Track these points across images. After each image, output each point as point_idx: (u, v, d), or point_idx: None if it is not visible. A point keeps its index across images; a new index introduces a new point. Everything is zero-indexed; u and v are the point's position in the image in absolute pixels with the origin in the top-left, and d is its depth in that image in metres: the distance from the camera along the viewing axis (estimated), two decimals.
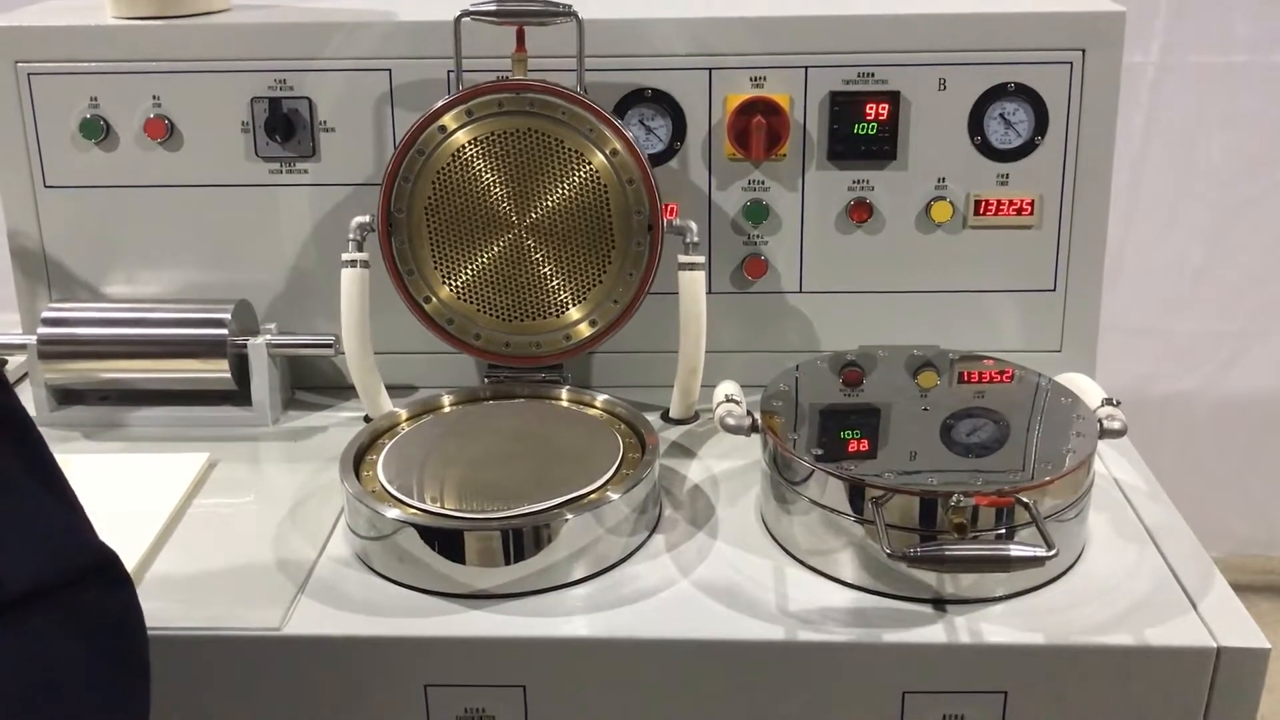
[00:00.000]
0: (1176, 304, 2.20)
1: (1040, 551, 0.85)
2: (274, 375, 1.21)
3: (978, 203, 1.23)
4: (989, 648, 0.88)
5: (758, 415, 1.03)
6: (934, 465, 0.96)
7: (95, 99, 1.22)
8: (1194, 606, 0.91)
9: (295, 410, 1.24)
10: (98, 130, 1.21)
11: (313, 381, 1.28)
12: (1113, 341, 2.06)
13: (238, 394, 1.21)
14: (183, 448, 1.15)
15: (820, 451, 0.98)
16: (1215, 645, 0.86)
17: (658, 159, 1.21)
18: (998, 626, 0.89)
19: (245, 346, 1.19)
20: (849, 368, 1.15)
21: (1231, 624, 0.88)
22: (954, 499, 0.88)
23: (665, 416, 1.22)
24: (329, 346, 1.20)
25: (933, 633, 0.89)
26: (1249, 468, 2.32)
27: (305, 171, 1.23)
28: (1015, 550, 0.85)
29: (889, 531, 0.88)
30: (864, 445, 1.02)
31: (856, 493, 0.92)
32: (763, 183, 1.23)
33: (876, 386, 1.12)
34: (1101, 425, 1.00)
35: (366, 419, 1.18)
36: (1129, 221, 2.08)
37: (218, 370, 1.19)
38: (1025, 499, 0.89)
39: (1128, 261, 2.09)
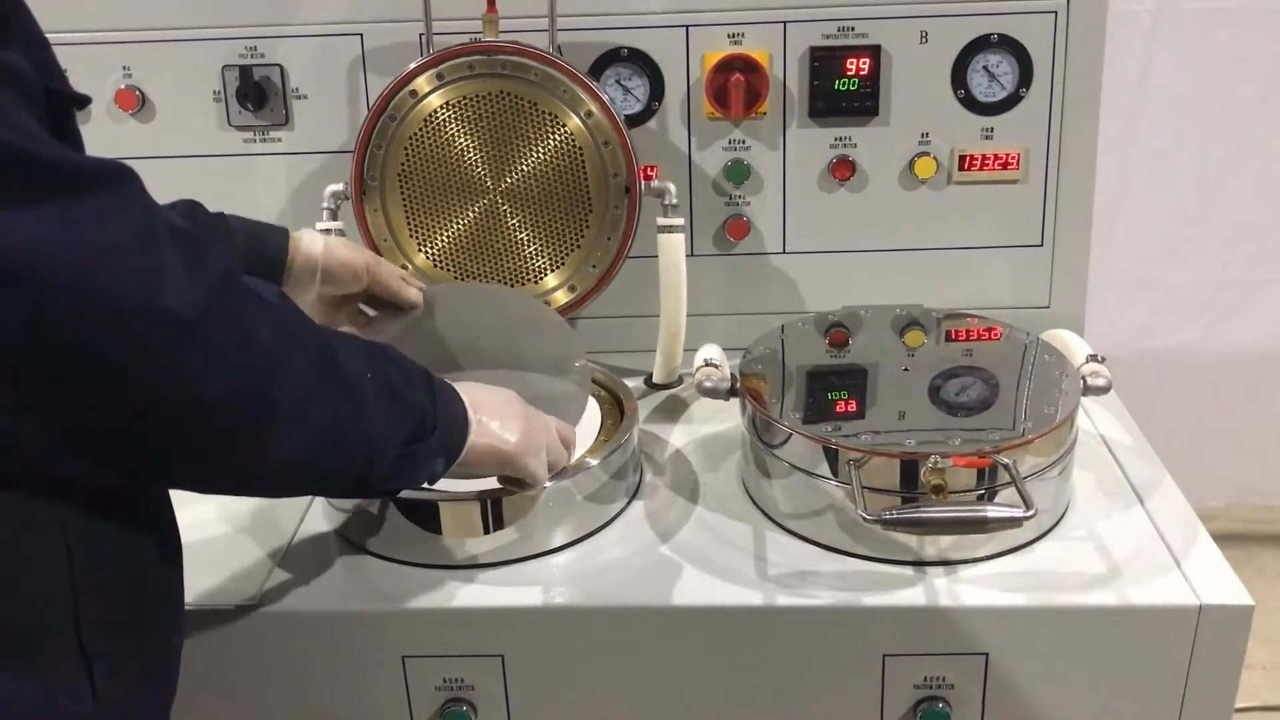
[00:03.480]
0: (1174, 255, 2.18)
1: (1018, 512, 0.84)
2: None
3: (962, 158, 1.21)
4: (970, 610, 0.87)
5: (739, 378, 1.02)
6: (920, 425, 0.95)
7: (65, 70, 1.19)
8: (1178, 564, 0.90)
9: None
10: None
11: None
12: (1110, 294, 2.05)
13: None
14: None
15: (802, 414, 0.97)
16: (1198, 603, 0.85)
17: (635, 120, 1.19)
18: (979, 588, 0.88)
19: None
20: (834, 328, 1.14)
21: (1215, 581, 0.87)
22: (931, 460, 0.87)
23: (649, 381, 1.21)
24: None
25: (913, 595, 0.88)
26: (1248, 417, 2.30)
27: (279, 140, 1.21)
28: (993, 511, 0.84)
29: (866, 494, 0.87)
30: (850, 406, 1.01)
31: (833, 456, 0.91)
32: (743, 142, 1.21)
33: (862, 347, 1.11)
34: (1085, 382, 0.99)
35: None
36: (1125, 173, 2.06)
37: None
38: (1004, 459, 0.88)
39: (1124, 214, 2.07)
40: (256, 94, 1.19)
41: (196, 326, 0.62)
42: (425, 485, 0.85)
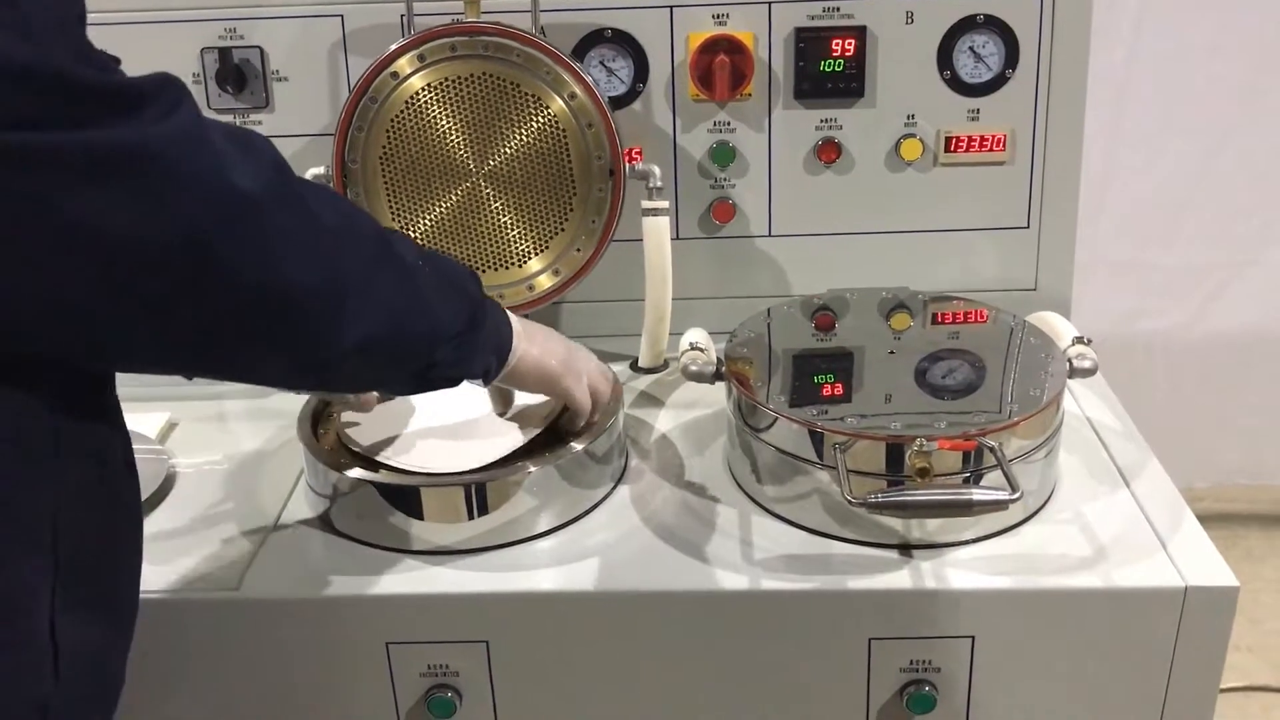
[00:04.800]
0: (1162, 237, 2.18)
1: (1003, 495, 0.83)
2: None
3: (948, 139, 1.20)
4: (956, 593, 0.87)
5: (725, 362, 1.01)
6: (906, 408, 0.95)
7: None
8: (1163, 546, 0.90)
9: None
10: None
11: None
12: (1098, 276, 2.05)
13: None
14: (142, 408, 1.13)
15: (788, 397, 0.96)
16: (1184, 585, 0.85)
17: (620, 101, 1.18)
18: (964, 571, 0.88)
19: None
20: (820, 311, 1.13)
21: (1200, 563, 0.87)
22: (917, 443, 0.87)
23: (634, 366, 1.20)
24: None
25: (899, 578, 0.88)
26: (1235, 399, 2.31)
27: (259, 123, 1.20)
28: (977, 494, 0.84)
29: (851, 477, 0.87)
30: (836, 390, 1.01)
31: (818, 439, 0.91)
32: (729, 124, 1.20)
33: (848, 330, 1.11)
34: (1072, 364, 0.98)
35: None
36: (1112, 155, 2.05)
37: None
38: (990, 442, 0.88)
39: (1111, 195, 2.07)
40: (236, 76, 1.17)
41: (267, 208, 0.63)
42: (482, 383, 0.87)
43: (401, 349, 0.77)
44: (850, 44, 1.16)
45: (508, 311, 0.88)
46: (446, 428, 0.99)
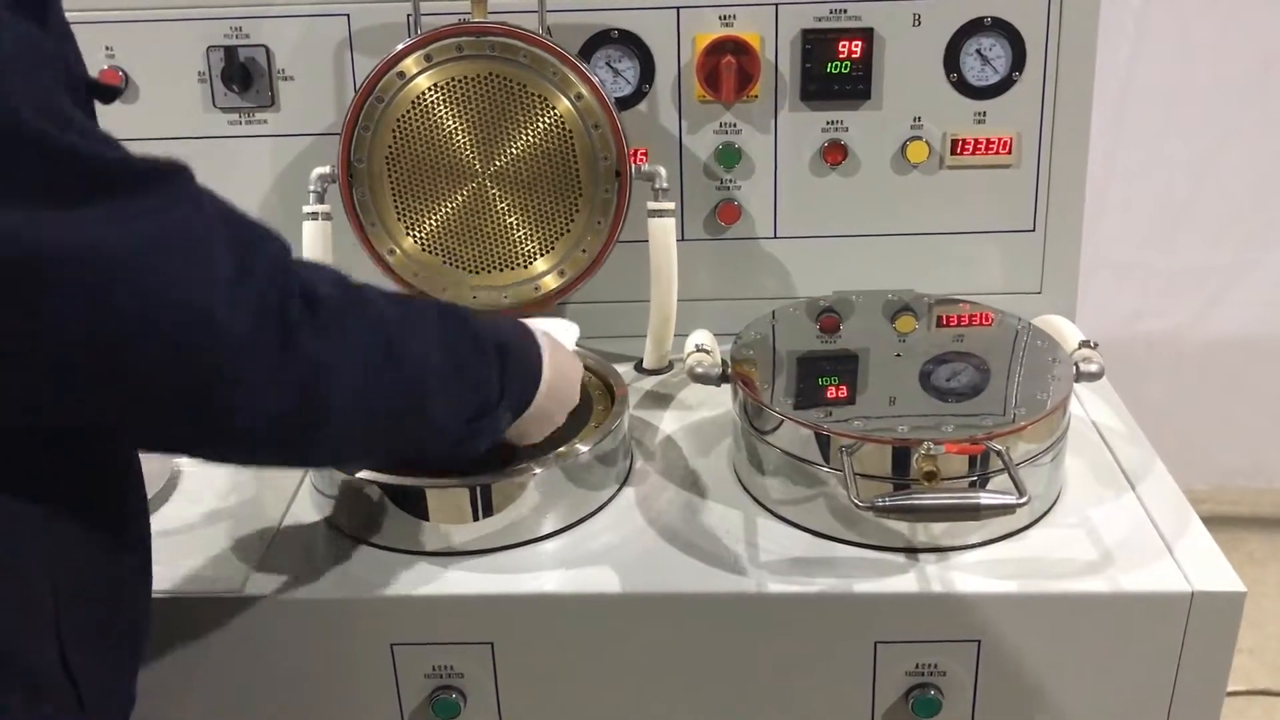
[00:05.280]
0: (1163, 238, 2.18)
1: (1011, 499, 0.83)
2: None
3: (954, 142, 1.20)
4: (962, 596, 0.87)
5: (730, 364, 1.01)
6: (911, 411, 0.95)
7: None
8: (1169, 551, 0.90)
9: None
10: None
11: None
12: (1099, 277, 2.04)
13: None
14: None
15: (793, 400, 0.96)
16: (1190, 590, 0.85)
17: (626, 102, 1.18)
18: (971, 575, 0.88)
19: None
20: (825, 314, 1.13)
21: (1207, 568, 0.87)
22: (924, 447, 0.86)
23: (639, 367, 1.20)
24: None
25: (905, 582, 0.88)
26: (1235, 400, 2.31)
27: (264, 122, 1.20)
28: (985, 498, 0.84)
29: (858, 480, 0.87)
30: (841, 392, 1.01)
31: (825, 442, 0.91)
32: (734, 125, 1.20)
33: (853, 332, 1.10)
34: (1078, 368, 0.98)
35: None
36: (1114, 156, 2.05)
37: None
38: (997, 446, 0.88)
39: (1113, 196, 2.07)
40: (242, 75, 1.17)
41: (242, 346, 0.59)
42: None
43: (388, 451, 0.76)
44: (857, 46, 1.16)
45: (543, 353, 0.84)
46: None
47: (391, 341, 0.70)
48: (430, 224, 1.14)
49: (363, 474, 0.92)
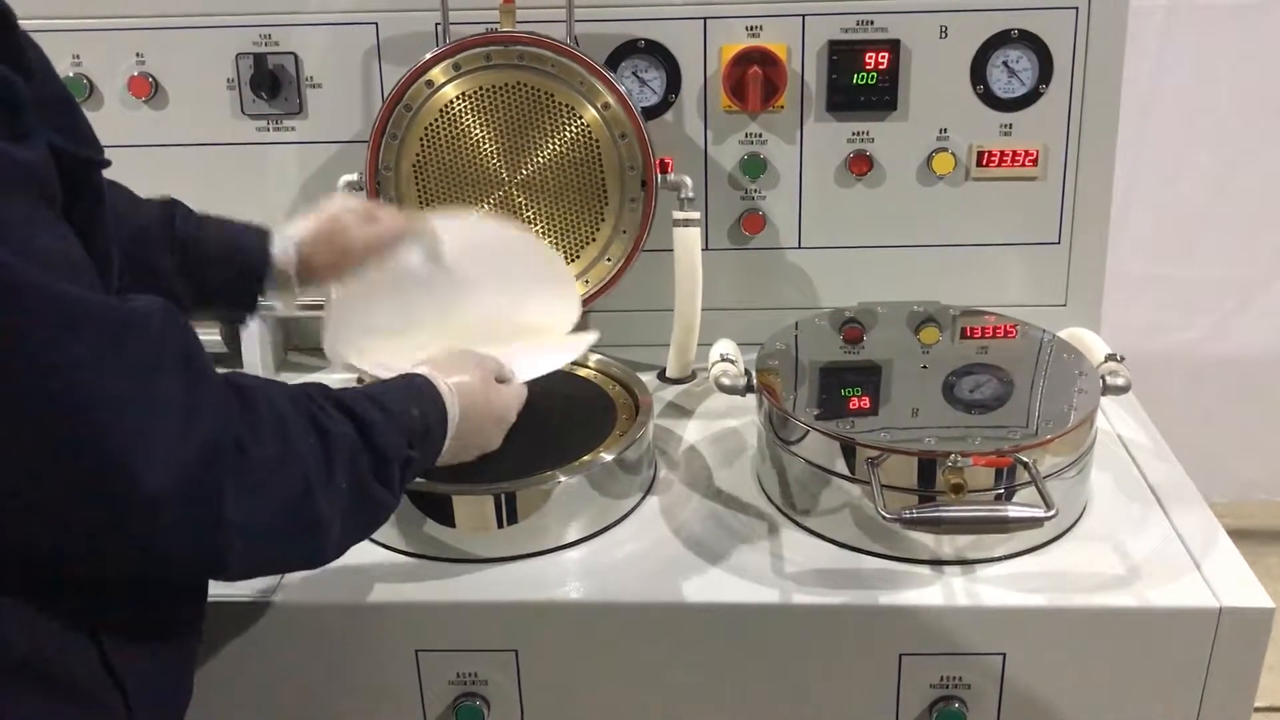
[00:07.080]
0: (1184, 251, 2.17)
1: (1039, 512, 0.83)
2: (265, 337, 1.19)
3: (980, 154, 1.20)
4: (987, 610, 0.87)
5: (755, 374, 1.01)
6: (935, 423, 0.95)
7: (78, 57, 1.19)
8: (1197, 566, 0.89)
9: (287, 372, 1.23)
10: (81, 89, 1.19)
11: (304, 343, 1.26)
12: (1119, 290, 2.04)
13: (229, 356, 1.19)
14: None
15: (818, 410, 0.96)
16: (1218, 605, 0.85)
17: (651, 112, 1.18)
18: (996, 588, 0.88)
19: None
20: (849, 324, 1.13)
21: (1235, 583, 0.87)
22: (951, 459, 0.86)
23: (662, 376, 1.20)
24: (320, 308, 1.17)
25: (930, 594, 0.88)
26: (1254, 413, 2.30)
27: (292, 129, 1.20)
28: (1013, 511, 0.84)
29: (885, 492, 0.87)
30: (864, 403, 1.00)
31: (851, 453, 0.90)
32: (760, 136, 1.20)
33: (877, 343, 1.10)
34: (1105, 382, 0.98)
35: (359, 381, 1.16)
36: (1135, 169, 2.05)
37: (208, 333, 1.17)
38: (1024, 458, 0.88)
39: (1135, 210, 2.06)
40: (270, 82, 1.18)
41: (164, 506, 0.61)
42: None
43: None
44: (884, 57, 1.16)
45: (446, 414, 0.83)
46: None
47: (308, 483, 0.70)
48: None
49: None
